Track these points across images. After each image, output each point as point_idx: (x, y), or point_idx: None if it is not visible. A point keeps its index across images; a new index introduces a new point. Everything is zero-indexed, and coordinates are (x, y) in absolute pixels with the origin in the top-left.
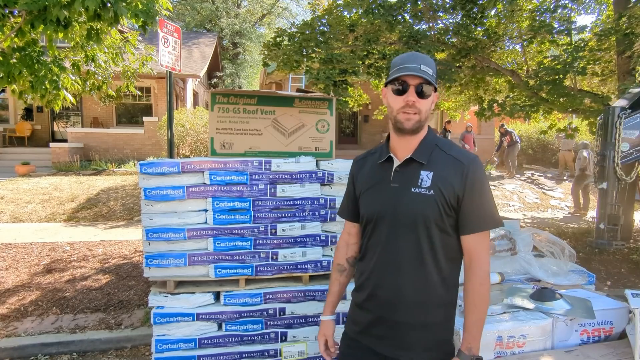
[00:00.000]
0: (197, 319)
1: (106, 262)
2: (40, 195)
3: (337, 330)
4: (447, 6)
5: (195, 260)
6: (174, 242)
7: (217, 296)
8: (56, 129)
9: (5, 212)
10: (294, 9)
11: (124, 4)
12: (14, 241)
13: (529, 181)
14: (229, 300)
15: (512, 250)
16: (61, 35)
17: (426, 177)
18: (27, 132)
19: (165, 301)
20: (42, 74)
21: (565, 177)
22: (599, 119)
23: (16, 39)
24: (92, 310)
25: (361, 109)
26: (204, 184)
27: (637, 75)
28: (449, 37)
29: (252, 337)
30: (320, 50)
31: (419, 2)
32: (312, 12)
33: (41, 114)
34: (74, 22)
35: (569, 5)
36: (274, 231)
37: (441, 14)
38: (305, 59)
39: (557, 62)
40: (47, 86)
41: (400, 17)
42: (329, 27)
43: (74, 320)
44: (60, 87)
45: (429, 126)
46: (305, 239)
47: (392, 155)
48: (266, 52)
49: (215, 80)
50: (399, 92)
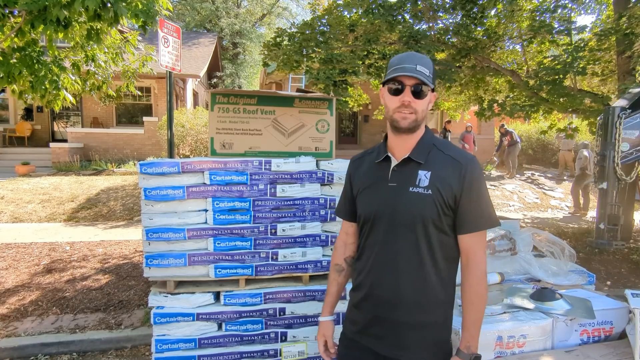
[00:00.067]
0: (197, 319)
1: (106, 262)
2: (40, 195)
3: (337, 330)
4: (447, 6)
5: (195, 260)
6: (174, 242)
7: (217, 296)
8: (56, 129)
9: (5, 212)
10: (294, 9)
11: (124, 4)
12: (14, 241)
13: (529, 181)
14: (229, 300)
15: (512, 250)
16: (61, 35)
17: (424, 176)
18: (27, 132)
19: (165, 301)
20: (42, 74)
21: (565, 177)
22: (599, 119)
23: (16, 39)
24: (92, 310)
25: (361, 109)
26: (204, 184)
27: (637, 75)
28: (449, 37)
29: (252, 337)
30: (320, 50)
31: (419, 2)
32: (312, 12)
33: (41, 114)
34: (74, 22)
35: (569, 5)
36: (274, 231)
37: (441, 14)
38: (305, 59)
39: (557, 62)
40: (47, 86)
41: (400, 17)
42: (329, 27)
43: (74, 320)
44: (60, 87)
45: (426, 126)
46: (305, 239)
47: (389, 154)
48: (266, 52)
49: (215, 80)
50: (395, 92)
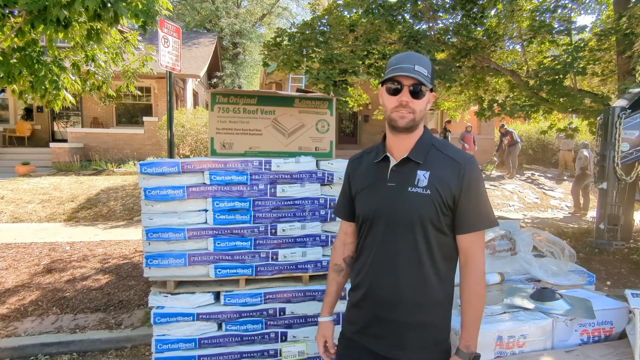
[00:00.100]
0: (197, 319)
1: (106, 262)
2: (40, 195)
3: (337, 330)
4: (447, 6)
5: (195, 260)
6: (174, 242)
7: (217, 296)
8: (56, 129)
9: (5, 212)
10: (294, 9)
11: (124, 4)
12: (14, 241)
13: (529, 181)
14: (229, 300)
15: (512, 250)
16: (61, 35)
17: (423, 176)
18: (27, 132)
19: (165, 301)
20: (42, 74)
21: (565, 177)
22: (599, 119)
23: (16, 39)
24: (92, 310)
25: (361, 109)
26: (204, 184)
27: (637, 75)
28: (449, 37)
29: (252, 337)
30: (320, 50)
31: (419, 2)
32: (312, 12)
33: (41, 114)
34: (74, 22)
35: (569, 5)
36: (274, 231)
37: (441, 14)
38: (305, 59)
39: (557, 62)
40: (47, 86)
41: (400, 17)
42: (329, 27)
43: (74, 320)
44: (60, 87)
45: (425, 126)
46: (305, 239)
47: (388, 154)
48: (266, 52)
49: (215, 80)
50: (393, 92)
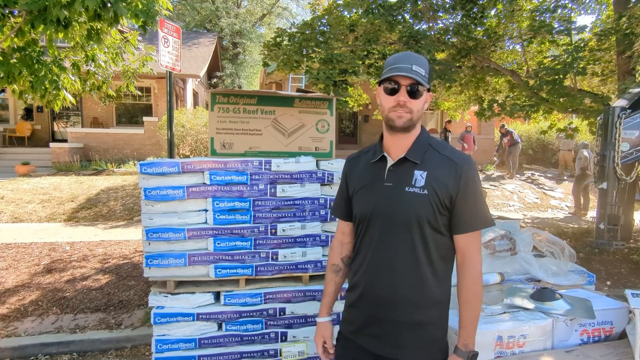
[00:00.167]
0: (197, 319)
1: (106, 262)
2: (40, 195)
3: (336, 330)
4: (447, 6)
5: (195, 260)
6: (174, 242)
7: (217, 296)
8: (56, 129)
9: (5, 212)
10: (294, 9)
11: (124, 4)
12: (14, 241)
13: (529, 181)
14: (229, 300)
15: (512, 250)
16: (61, 35)
17: (420, 176)
18: (27, 132)
19: (165, 301)
20: (42, 74)
21: (565, 177)
22: (599, 119)
23: (16, 39)
24: (92, 310)
25: (361, 109)
26: (204, 184)
27: (637, 75)
28: (449, 37)
29: (252, 337)
30: (320, 50)
31: (419, 2)
32: (312, 12)
33: (41, 114)
34: (74, 22)
35: (569, 5)
36: (274, 231)
37: (441, 14)
38: (305, 59)
39: (557, 62)
40: (47, 86)
41: (400, 17)
42: (329, 27)
43: (74, 320)
44: (60, 87)
45: (422, 126)
46: (305, 239)
47: (385, 154)
48: (266, 52)
49: (215, 80)
50: (390, 91)
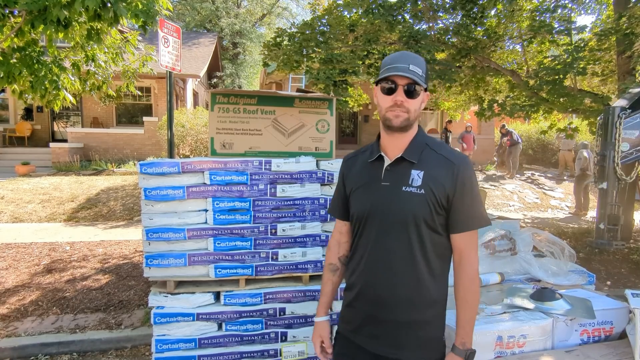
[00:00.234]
0: (197, 319)
1: (106, 262)
2: (40, 195)
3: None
4: (447, 6)
5: (195, 260)
6: (174, 242)
7: (217, 296)
8: (56, 129)
9: (5, 212)
10: (294, 9)
11: (124, 4)
12: (14, 241)
13: (529, 181)
14: (229, 300)
15: (512, 250)
16: (61, 35)
17: (417, 176)
18: (27, 132)
19: (165, 301)
20: (42, 74)
21: (565, 177)
22: (599, 119)
23: (16, 39)
24: (92, 310)
25: (361, 109)
26: (204, 184)
27: (637, 75)
28: (449, 37)
29: (252, 337)
30: (320, 50)
31: (419, 2)
32: (312, 12)
33: (41, 114)
34: (74, 22)
35: (569, 5)
36: (274, 231)
37: (441, 14)
38: (305, 59)
39: (557, 62)
40: (47, 86)
41: (400, 17)
42: (329, 27)
43: (74, 320)
44: (60, 87)
45: (419, 125)
46: (305, 239)
47: (382, 154)
48: (266, 52)
49: (215, 80)
50: (387, 91)
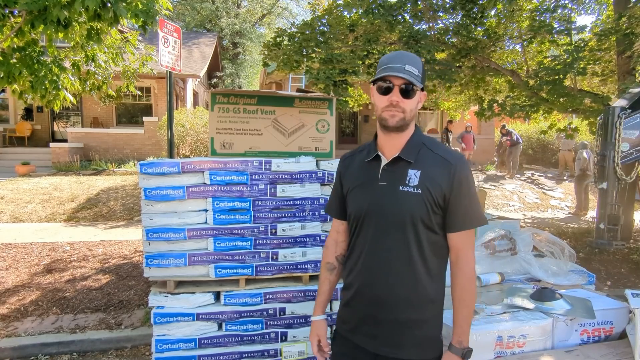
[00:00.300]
0: (197, 319)
1: (106, 262)
2: (40, 195)
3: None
4: (447, 6)
5: (195, 260)
6: (174, 242)
7: (217, 296)
8: (56, 129)
9: (5, 212)
10: (294, 9)
11: (124, 4)
12: (14, 241)
13: (529, 181)
14: (229, 300)
15: (512, 250)
16: (61, 35)
17: (414, 175)
18: (27, 132)
19: (165, 301)
20: (42, 74)
21: (565, 177)
22: (599, 119)
23: (16, 39)
24: (92, 310)
25: (361, 109)
26: (204, 184)
27: (637, 75)
28: (449, 37)
29: (252, 337)
30: (320, 50)
31: (419, 2)
32: (312, 12)
33: (41, 114)
34: (74, 22)
35: (569, 5)
36: (274, 231)
37: (441, 14)
38: (305, 59)
39: (557, 62)
40: (47, 86)
41: (400, 17)
42: (329, 27)
43: (74, 320)
44: (60, 87)
45: (416, 125)
46: (305, 239)
47: (379, 153)
48: (266, 52)
49: (215, 80)
50: (383, 91)
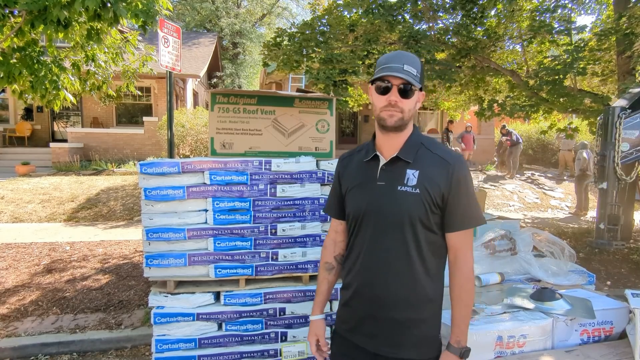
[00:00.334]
0: (197, 319)
1: (106, 262)
2: (40, 195)
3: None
4: (447, 6)
5: (195, 260)
6: (174, 242)
7: (217, 296)
8: (56, 129)
9: (5, 212)
10: (294, 9)
11: (124, 4)
12: (14, 241)
13: (529, 181)
14: (229, 300)
15: (512, 250)
16: (61, 35)
17: (412, 175)
18: (27, 132)
19: (165, 301)
20: (42, 74)
21: (565, 177)
22: (599, 119)
23: (16, 39)
24: (92, 310)
25: (361, 109)
26: (204, 184)
27: (637, 75)
28: (449, 37)
29: (252, 337)
30: (320, 50)
31: (419, 2)
32: (312, 12)
33: (41, 114)
34: (74, 22)
35: (569, 5)
36: (274, 231)
37: (441, 14)
38: (305, 59)
39: (557, 62)
40: (47, 86)
41: (400, 17)
42: (329, 27)
43: (74, 320)
44: (60, 87)
45: (414, 125)
46: (305, 239)
47: (378, 153)
48: (266, 52)
49: (215, 80)
50: (382, 91)
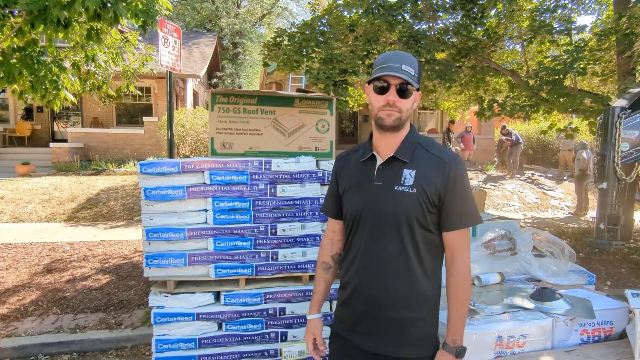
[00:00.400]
0: (197, 319)
1: (106, 262)
2: (40, 195)
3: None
4: (447, 6)
5: (195, 260)
6: (174, 242)
7: (217, 296)
8: (56, 129)
9: (5, 212)
10: (294, 9)
11: (124, 4)
12: (14, 241)
13: (529, 181)
14: (229, 300)
15: (512, 250)
16: (61, 35)
17: (409, 175)
18: (27, 132)
19: (165, 301)
20: (42, 74)
21: (565, 177)
22: (599, 119)
23: (16, 39)
24: (92, 310)
25: (361, 109)
26: (204, 184)
27: (637, 75)
28: (449, 37)
29: (252, 337)
30: (320, 50)
31: (419, 2)
32: (312, 12)
33: (41, 114)
34: (74, 22)
35: (569, 5)
36: (274, 231)
37: (441, 14)
38: (305, 59)
39: (557, 62)
40: (47, 86)
41: (400, 17)
42: (329, 27)
43: (74, 320)
44: (60, 87)
45: (411, 124)
46: (305, 238)
47: (375, 153)
48: (266, 52)
49: (215, 80)
50: (380, 91)
